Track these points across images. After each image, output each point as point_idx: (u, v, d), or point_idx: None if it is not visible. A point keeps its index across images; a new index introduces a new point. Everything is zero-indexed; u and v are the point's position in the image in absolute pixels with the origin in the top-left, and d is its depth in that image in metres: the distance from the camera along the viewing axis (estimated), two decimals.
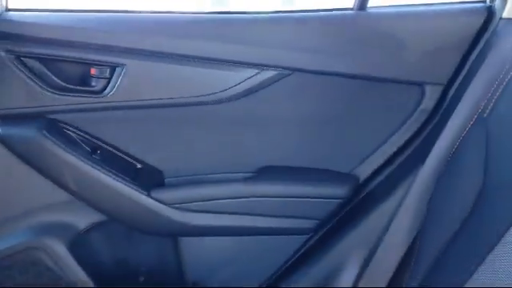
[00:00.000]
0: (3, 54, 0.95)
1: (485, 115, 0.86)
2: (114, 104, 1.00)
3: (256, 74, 1.02)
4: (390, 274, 0.97)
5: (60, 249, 1.07)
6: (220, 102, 1.03)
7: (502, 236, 0.64)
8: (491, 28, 0.99)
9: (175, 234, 1.11)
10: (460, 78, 1.02)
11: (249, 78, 1.02)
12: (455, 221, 0.77)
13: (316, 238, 1.11)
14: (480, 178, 0.77)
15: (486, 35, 1.00)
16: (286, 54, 1.01)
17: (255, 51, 1.01)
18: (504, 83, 0.85)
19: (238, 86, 1.02)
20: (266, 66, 1.01)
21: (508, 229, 0.63)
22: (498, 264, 0.63)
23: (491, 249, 0.64)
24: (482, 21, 0.99)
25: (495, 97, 0.86)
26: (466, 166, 0.86)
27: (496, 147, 0.79)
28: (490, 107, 0.86)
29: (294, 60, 1.01)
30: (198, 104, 1.03)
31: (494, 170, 0.76)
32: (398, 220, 0.99)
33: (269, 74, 1.02)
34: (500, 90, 0.85)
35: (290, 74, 1.02)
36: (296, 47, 1.01)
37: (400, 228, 0.98)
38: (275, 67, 1.01)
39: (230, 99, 1.03)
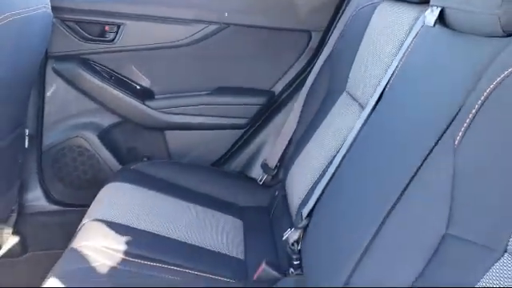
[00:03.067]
0: (55, 20, 1.61)
1: None
2: (119, 48, 1.67)
3: (205, 27, 1.67)
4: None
5: (93, 138, 1.77)
6: (186, 45, 1.69)
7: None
8: None
9: (162, 128, 1.80)
10: (333, 26, 1.64)
11: (202, 29, 1.67)
12: None
13: (245, 132, 1.79)
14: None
15: None
16: (221, 14, 1.66)
17: (206, 13, 1.66)
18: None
19: (196, 35, 1.68)
20: (210, 22, 1.66)
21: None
22: None
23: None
24: None
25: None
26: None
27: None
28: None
29: (228, 18, 1.66)
30: (172, 47, 1.69)
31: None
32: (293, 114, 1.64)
33: (213, 27, 1.67)
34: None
35: (226, 28, 1.67)
36: (227, 8, 1.65)
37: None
38: (218, 23, 1.66)
39: (191, 43, 1.69)
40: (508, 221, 0.57)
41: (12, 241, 1.73)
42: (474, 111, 0.68)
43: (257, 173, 1.74)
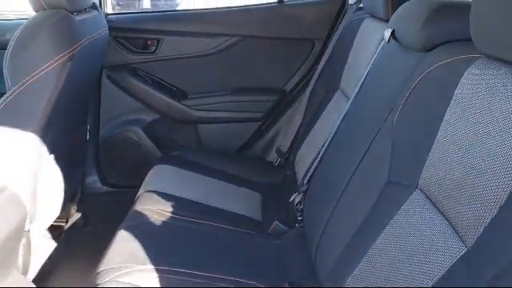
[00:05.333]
0: (109, 37, 2.02)
1: None
2: (158, 58, 2.08)
3: (228, 39, 2.06)
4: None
5: (139, 131, 2.18)
6: (213, 54, 2.08)
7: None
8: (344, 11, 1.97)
9: (194, 122, 2.20)
10: (331, 36, 2.00)
11: (225, 41, 2.07)
12: None
13: (262, 124, 2.18)
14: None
15: (344, 12, 1.97)
16: (240, 28, 2.04)
17: (228, 28, 2.05)
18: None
19: (220, 46, 2.07)
20: (231, 35, 2.05)
21: None
22: None
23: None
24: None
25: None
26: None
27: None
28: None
29: (246, 31, 2.05)
30: (201, 56, 2.09)
31: None
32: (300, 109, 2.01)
33: (234, 39, 2.06)
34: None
35: (244, 39, 2.06)
36: (246, 24, 2.04)
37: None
38: (236, 36, 2.05)
39: (217, 53, 2.08)
40: (418, 162, 0.92)
41: (76, 216, 2.15)
42: (403, 102, 1.04)
43: (272, 157, 2.12)
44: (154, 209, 1.53)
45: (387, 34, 1.24)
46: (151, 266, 1.21)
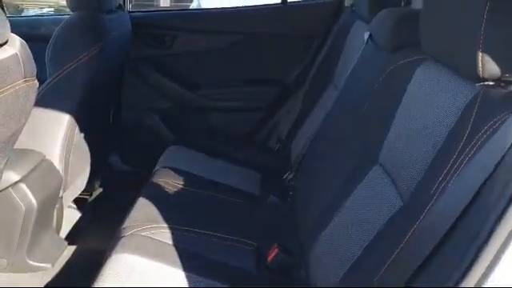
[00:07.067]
0: (132, 33, 2.28)
1: None
2: (175, 52, 2.34)
3: (237, 36, 2.31)
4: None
5: (155, 117, 2.44)
6: (223, 49, 2.34)
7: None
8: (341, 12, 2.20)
9: (206, 110, 2.45)
10: (328, 34, 2.24)
11: (234, 37, 2.32)
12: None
13: (267, 111, 2.43)
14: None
15: (340, 13, 2.21)
16: (248, 26, 2.29)
17: (237, 25, 2.30)
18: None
19: (230, 41, 2.33)
20: (239, 32, 2.30)
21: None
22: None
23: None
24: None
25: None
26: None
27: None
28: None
29: (251, 28, 2.30)
30: (213, 51, 2.34)
31: None
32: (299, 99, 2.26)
33: (241, 36, 2.31)
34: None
35: (250, 36, 2.30)
36: (253, 22, 2.29)
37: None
38: (244, 33, 2.30)
39: (227, 48, 2.33)
40: (380, 141, 1.16)
41: (98, 191, 2.42)
42: (374, 91, 1.29)
43: (273, 142, 2.38)
44: (169, 181, 1.79)
45: (366, 35, 1.48)
46: (166, 225, 1.48)
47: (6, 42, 1.10)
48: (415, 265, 0.75)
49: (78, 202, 2.21)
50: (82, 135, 1.88)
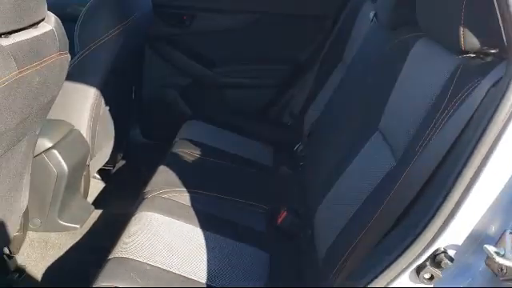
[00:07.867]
0: (153, 13, 2.40)
1: None
2: (192, 31, 2.45)
3: (251, 16, 2.42)
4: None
5: (175, 93, 2.57)
6: (238, 29, 2.44)
7: None
8: None
9: (222, 86, 2.57)
10: (340, 14, 2.33)
11: (249, 17, 2.42)
12: None
13: (280, 88, 2.54)
14: None
15: None
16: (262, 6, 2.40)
17: (250, 5, 2.41)
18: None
19: (245, 21, 2.43)
20: (254, 11, 2.40)
21: None
22: None
23: None
24: None
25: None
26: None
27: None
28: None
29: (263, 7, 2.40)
30: (229, 30, 2.45)
31: None
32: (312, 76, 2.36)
33: (256, 16, 2.41)
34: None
35: (264, 15, 2.41)
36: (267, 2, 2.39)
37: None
38: (259, 13, 2.40)
39: (242, 28, 2.44)
40: (380, 110, 1.27)
41: (121, 163, 2.57)
42: (377, 65, 1.39)
43: (286, 118, 2.49)
44: (187, 152, 1.93)
45: (371, 15, 1.58)
46: (184, 189, 1.62)
47: (43, 19, 1.23)
48: (399, 212, 0.88)
49: (103, 172, 2.37)
50: (107, 108, 2.02)
